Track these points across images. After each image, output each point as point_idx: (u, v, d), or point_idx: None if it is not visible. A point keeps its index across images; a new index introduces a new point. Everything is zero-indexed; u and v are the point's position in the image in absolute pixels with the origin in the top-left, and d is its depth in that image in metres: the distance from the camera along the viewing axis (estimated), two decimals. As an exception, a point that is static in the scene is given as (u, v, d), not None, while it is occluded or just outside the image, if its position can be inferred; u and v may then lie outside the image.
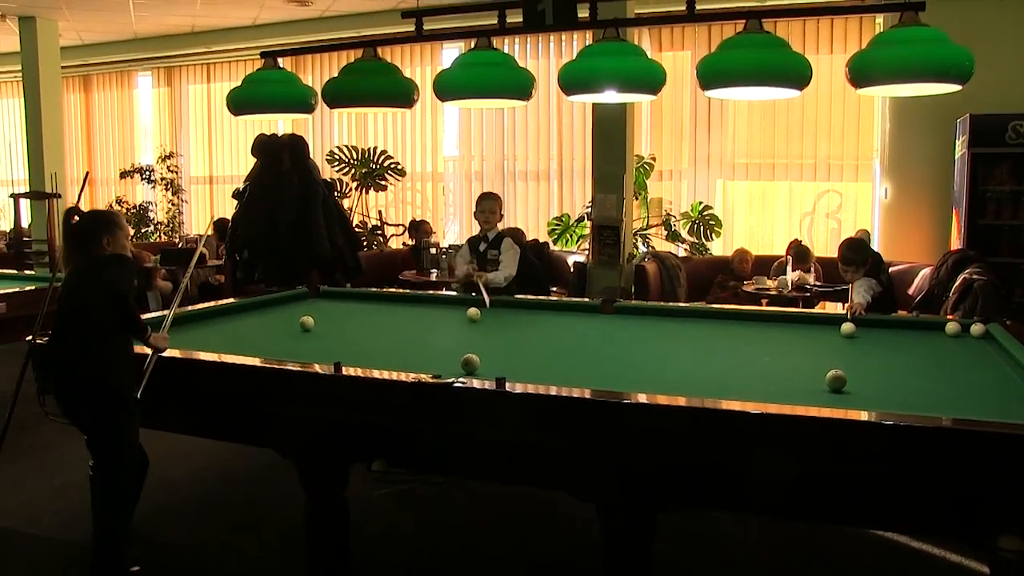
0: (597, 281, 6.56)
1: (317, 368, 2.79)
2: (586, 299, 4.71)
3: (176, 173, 10.61)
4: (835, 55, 7.52)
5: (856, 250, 4.44)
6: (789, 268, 6.38)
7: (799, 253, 6.57)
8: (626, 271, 6.63)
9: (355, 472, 2.88)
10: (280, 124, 9.30)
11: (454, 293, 4.75)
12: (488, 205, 4.75)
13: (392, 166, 8.79)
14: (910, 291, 6.03)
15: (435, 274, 6.90)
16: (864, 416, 2.17)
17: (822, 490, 2.17)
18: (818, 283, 6.28)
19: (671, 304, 4.83)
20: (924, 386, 2.71)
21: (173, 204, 10.54)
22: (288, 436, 2.83)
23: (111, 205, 10.60)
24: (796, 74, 3.32)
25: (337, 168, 8.79)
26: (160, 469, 2.90)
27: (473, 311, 3.74)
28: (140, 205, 10.63)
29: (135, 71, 10.96)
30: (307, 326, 3.65)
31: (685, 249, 7.93)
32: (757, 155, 8.08)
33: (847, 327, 3.58)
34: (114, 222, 3.02)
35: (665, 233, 7.92)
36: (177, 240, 10.00)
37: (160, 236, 10.41)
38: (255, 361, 2.87)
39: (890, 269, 5.34)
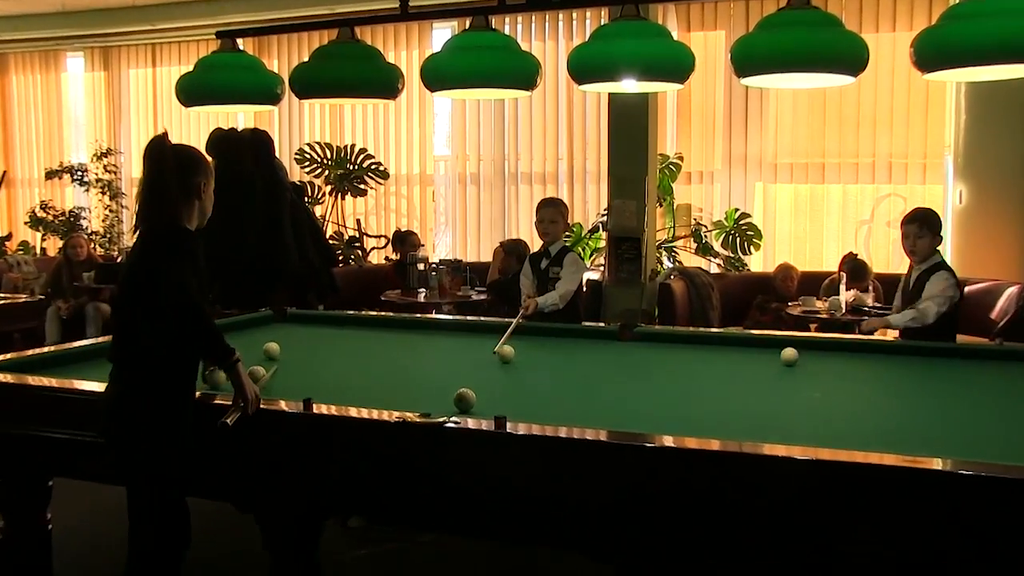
0: (614, 302, 6.59)
1: (283, 405, 2.80)
2: (601, 324, 4.73)
3: (114, 173, 10.65)
4: (898, 33, 7.57)
5: (925, 215, 4.10)
6: (843, 287, 6.39)
7: (854, 269, 6.58)
8: (648, 291, 6.65)
9: (328, 529, 2.88)
10: (240, 118, 9.36)
11: (447, 317, 4.76)
12: (548, 213, 4.70)
13: (372, 167, 8.84)
14: (992, 314, 6.04)
15: (424, 294, 6.92)
16: (939, 465, 2.17)
17: (894, 553, 2.15)
18: (877, 304, 6.29)
19: (702, 330, 4.85)
20: (1012, 431, 2.71)
21: (111, 210, 10.57)
22: (248, 486, 2.84)
23: (34, 211, 10.62)
24: (850, 57, 3.35)
25: (307, 169, 8.85)
26: (105, 524, 2.90)
27: (507, 349, 3.68)
28: (71, 211, 10.64)
29: (63, 51, 10.99)
30: (271, 355, 3.67)
31: (718, 265, 7.96)
32: (804, 153, 8.12)
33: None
34: (208, 165, 2.78)
35: (695, 246, 7.95)
36: (116, 253, 10.03)
37: (96, 248, 10.44)
38: (208, 397, 2.89)
39: (966, 288, 5.31)
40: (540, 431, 2.48)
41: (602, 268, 7.20)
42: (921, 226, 4.04)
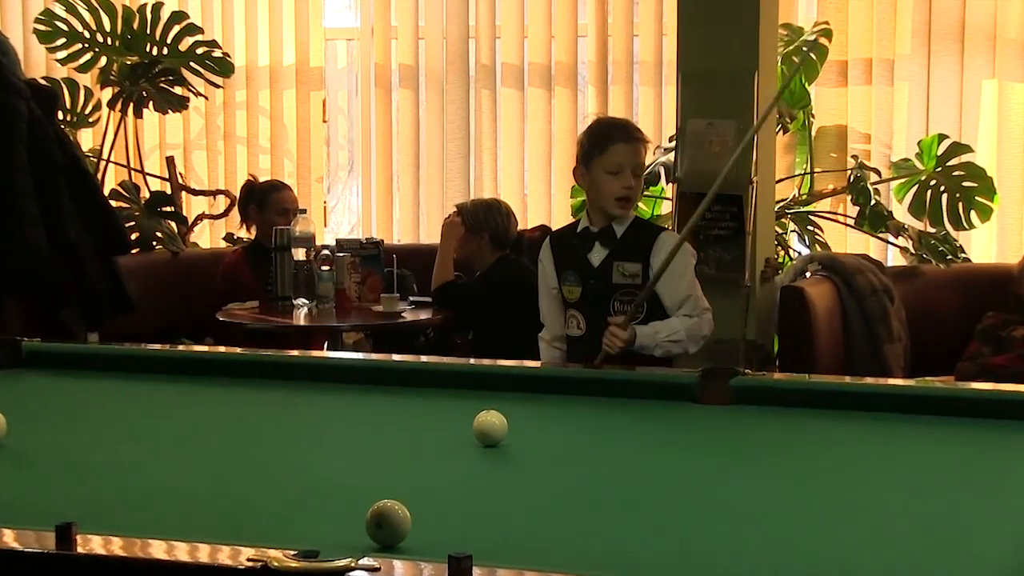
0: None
1: (8, 538, 2.81)
2: (670, 370, 4.77)
3: None
4: None
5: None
6: None
7: None
8: (762, 300, 6.68)
9: None
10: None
11: (353, 355, 4.76)
12: (634, 154, 4.94)
13: (200, 53, 8.84)
14: None
15: (306, 309, 6.95)
16: None
17: None
18: None
19: (868, 381, 4.87)
20: None
21: None
22: None
23: None
24: None
25: (62, 56, 8.85)
26: None
27: (492, 420, 3.71)
28: None
29: None
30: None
31: (903, 250, 8.00)
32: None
33: None
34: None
35: (855, 212, 7.97)
36: None
37: None
38: None
39: None
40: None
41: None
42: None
